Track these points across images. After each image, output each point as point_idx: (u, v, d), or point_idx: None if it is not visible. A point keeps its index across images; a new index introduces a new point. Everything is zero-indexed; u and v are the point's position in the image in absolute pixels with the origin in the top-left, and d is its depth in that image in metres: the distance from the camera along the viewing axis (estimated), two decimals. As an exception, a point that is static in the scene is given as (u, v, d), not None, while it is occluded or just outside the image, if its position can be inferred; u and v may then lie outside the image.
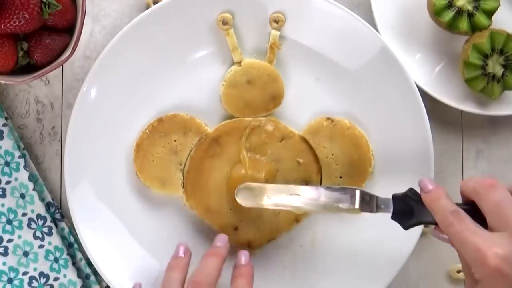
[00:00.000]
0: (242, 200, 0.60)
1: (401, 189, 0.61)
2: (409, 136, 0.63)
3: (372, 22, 0.64)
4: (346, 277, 0.64)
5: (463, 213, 0.51)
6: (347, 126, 0.64)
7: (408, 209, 0.55)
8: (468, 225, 0.50)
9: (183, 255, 0.61)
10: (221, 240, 0.61)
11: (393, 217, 0.56)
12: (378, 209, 0.57)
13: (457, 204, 0.53)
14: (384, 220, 0.64)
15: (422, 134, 0.63)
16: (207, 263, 0.59)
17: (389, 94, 0.64)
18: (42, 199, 0.65)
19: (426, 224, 0.56)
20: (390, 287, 0.64)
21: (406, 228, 0.56)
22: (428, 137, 0.63)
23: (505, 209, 0.49)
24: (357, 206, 0.57)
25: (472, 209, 0.51)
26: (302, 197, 0.59)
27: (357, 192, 0.57)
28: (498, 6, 0.63)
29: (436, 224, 0.54)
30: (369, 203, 0.57)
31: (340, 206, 0.58)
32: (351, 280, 0.64)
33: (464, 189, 0.53)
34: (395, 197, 0.56)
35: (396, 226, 0.63)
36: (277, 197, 0.59)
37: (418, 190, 0.56)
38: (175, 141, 0.64)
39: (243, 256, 0.61)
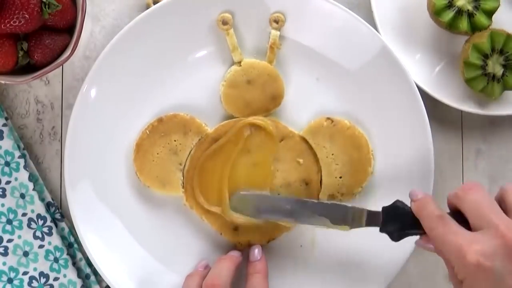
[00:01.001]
0: (235, 214, 0.62)
1: (401, 189, 0.62)
2: (409, 136, 0.63)
3: (372, 22, 0.64)
4: (346, 277, 0.64)
5: (448, 217, 0.52)
6: (347, 126, 0.64)
7: (397, 220, 0.56)
8: (451, 227, 0.51)
9: (202, 269, 0.62)
10: (235, 252, 0.63)
11: (381, 230, 0.57)
12: (367, 224, 0.58)
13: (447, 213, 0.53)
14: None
15: (422, 134, 0.63)
16: (220, 265, 0.60)
17: (389, 94, 0.64)
18: (42, 199, 0.65)
19: (414, 234, 0.56)
20: (390, 287, 0.64)
21: (395, 240, 0.56)
22: (428, 137, 0.63)
23: (483, 207, 0.50)
24: (348, 223, 0.59)
25: (459, 216, 0.52)
26: (293, 210, 0.60)
27: (349, 210, 0.59)
28: (498, 6, 0.63)
29: (423, 234, 0.54)
30: (359, 218, 0.58)
31: (330, 224, 0.59)
32: (351, 280, 0.64)
33: (449, 198, 0.54)
34: (384, 210, 0.57)
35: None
36: (264, 209, 0.61)
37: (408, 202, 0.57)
38: (175, 141, 0.64)
39: (256, 250, 0.62)
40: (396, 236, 0.56)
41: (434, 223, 0.52)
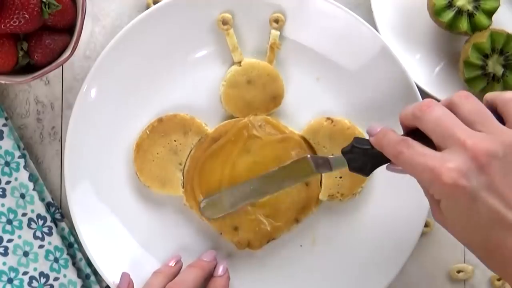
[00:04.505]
0: (209, 215, 0.63)
1: (401, 189, 0.62)
2: (409, 136, 0.63)
3: (372, 22, 0.64)
4: (346, 277, 0.64)
5: (411, 140, 0.50)
6: (347, 126, 0.64)
7: (361, 157, 0.55)
8: (416, 149, 0.49)
9: (172, 265, 0.62)
10: (208, 256, 0.63)
11: (351, 170, 0.56)
12: (333, 168, 0.58)
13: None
14: (384, 220, 0.64)
15: (422, 134, 0.63)
16: (187, 272, 0.61)
17: (389, 94, 0.64)
18: (42, 199, 0.65)
19: (382, 164, 0.55)
20: (390, 287, 0.64)
21: (367, 174, 0.56)
22: (428, 137, 0.63)
23: (446, 124, 0.48)
24: (314, 170, 0.60)
25: (419, 136, 0.50)
26: (258, 188, 0.62)
27: (309, 158, 0.60)
28: (498, 6, 0.63)
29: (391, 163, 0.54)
30: (323, 164, 0.59)
31: (297, 176, 0.61)
32: (351, 280, 0.64)
33: (404, 118, 0.52)
34: (344, 152, 0.56)
35: (396, 226, 0.63)
36: (236, 199, 0.62)
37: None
38: (175, 141, 0.64)
39: (221, 267, 0.62)
40: (365, 172, 0.55)
41: (398, 148, 0.50)
